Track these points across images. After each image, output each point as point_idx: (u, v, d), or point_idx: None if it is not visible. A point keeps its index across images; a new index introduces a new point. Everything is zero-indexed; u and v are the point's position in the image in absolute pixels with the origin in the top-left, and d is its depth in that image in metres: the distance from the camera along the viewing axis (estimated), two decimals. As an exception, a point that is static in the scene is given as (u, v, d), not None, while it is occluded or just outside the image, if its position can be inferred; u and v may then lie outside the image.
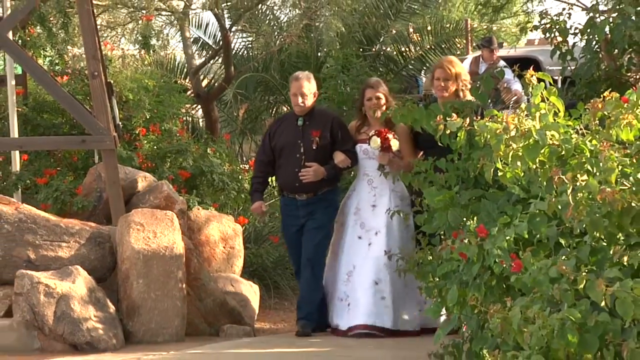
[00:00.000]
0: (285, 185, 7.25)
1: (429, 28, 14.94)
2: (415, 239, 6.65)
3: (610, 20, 6.42)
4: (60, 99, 7.83)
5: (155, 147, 9.18)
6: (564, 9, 6.68)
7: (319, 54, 13.70)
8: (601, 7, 6.91)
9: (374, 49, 14.33)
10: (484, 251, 4.04)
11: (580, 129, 3.93)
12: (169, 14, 11.89)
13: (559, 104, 3.99)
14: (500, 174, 4.04)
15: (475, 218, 4.54)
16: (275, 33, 13.49)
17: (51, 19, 8.99)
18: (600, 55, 6.70)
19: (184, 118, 11.90)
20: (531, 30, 7.16)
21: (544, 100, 3.97)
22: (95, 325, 6.51)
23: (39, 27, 8.92)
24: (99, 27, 9.24)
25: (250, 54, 14.25)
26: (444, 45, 14.77)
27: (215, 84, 13.37)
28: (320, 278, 7.11)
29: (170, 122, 9.55)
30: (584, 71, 6.73)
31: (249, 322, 7.44)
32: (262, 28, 13.17)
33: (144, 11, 10.75)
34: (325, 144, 7.12)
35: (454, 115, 4.28)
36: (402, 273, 6.32)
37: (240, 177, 9.28)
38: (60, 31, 9.06)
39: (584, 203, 3.57)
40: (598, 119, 3.82)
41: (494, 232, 4.03)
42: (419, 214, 5.39)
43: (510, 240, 3.95)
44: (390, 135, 6.85)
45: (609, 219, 3.57)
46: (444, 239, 4.69)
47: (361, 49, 13.68)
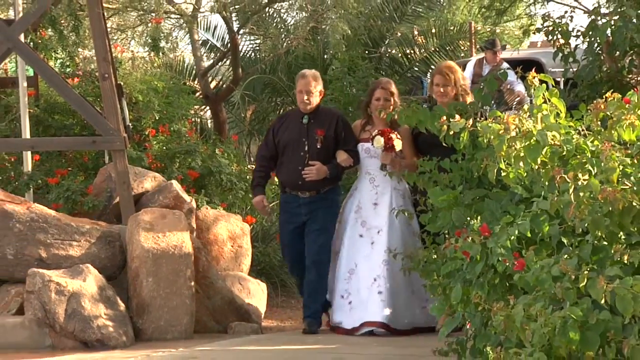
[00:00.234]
0: (287, 182, 7.19)
1: (434, 31, 14.91)
2: (420, 237, 6.73)
3: (612, 22, 6.41)
4: (71, 101, 7.87)
5: (164, 148, 9.21)
6: (566, 12, 6.65)
7: (325, 56, 13.67)
8: (603, 10, 6.94)
9: (379, 51, 14.30)
10: (487, 249, 4.02)
11: (582, 130, 3.91)
12: (178, 17, 11.94)
13: (560, 105, 3.96)
14: (503, 174, 4.02)
15: (478, 217, 4.49)
16: (283, 36, 13.46)
17: (62, 21, 8.97)
18: (602, 57, 6.68)
19: (193, 119, 11.92)
20: (534, 33, 7.12)
21: (546, 102, 3.94)
22: (105, 322, 6.54)
23: (50, 30, 8.89)
24: (109, 30, 9.27)
25: (258, 56, 14.23)
26: (448, 48, 14.72)
27: (224, 86, 13.34)
28: (326, 277, 7.11)
29: (179, 123, 9.57)
30: (586, 73, 6.72)
31: (256, 320, 7.47)
32: (270, 31, 13.16)
33: (153, 14, 10.76)
34: (329, 142, 7.09)
35: (457, 117, 4.31)
36: (407, 271, 6.40)
37: (247, 177, 9.25)
38: (71, 34, 9.02)
39: (586, 202, 3.56)
40: (600, 120, 3.80)
41: (497, 231, 4.00)
42: (424, 213, 5.40)
43: (513, 239, 3.92)
44: (394, 135, 6.86)
45: (610, 218, 3.56)
46: (447, 238, 4.67)
47: (367, 51, 13.66)
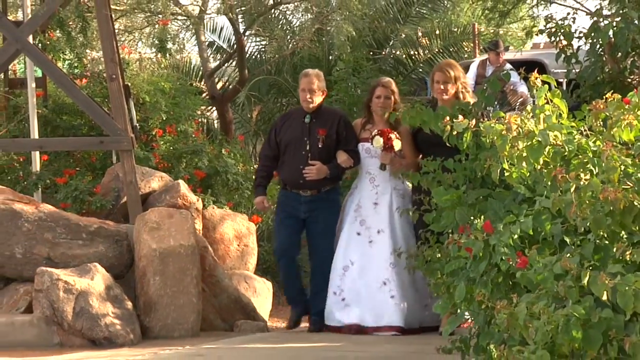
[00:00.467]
0: (288, 180, 7.19)
1: (438, 32, 14.89)
2: (423, 236, 6.77)
3: (614, 24, 6.41)
4: (79, 101, 7.91)
5: (171, 148, 9.27)
6: (568, 14, 6.63)
7: (330, 57, 13.66)
8: (605, 12, 6.93)
9: (383, 53, 14.29)
10: (490, 247, 4.04)
11: (584, 130, 3.92)
12: (185, 18, 12.02)
13: (562, 106, 3.96)
14: (506, 174, 4.01)
15: (482, 217, 4.47)
16: (288, 37, 13.49)
17: (70, 23, 9.00)
18: (604, 59, 6.67)
19: (199, 119, 11.96)
20: (537, 34, 7.14)
21: (548, 102, 3.94)
22: (113, 320, 6.57)
23: (58, 31, 8.91)
24: (116, 31, 9.36)
25: (264, 58, 14.22)
26: (452, 49, 14.69)
27: (230, 87, 13.36)
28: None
29: (186, 124, 9.63)
30: (588, 74, 6.71)
31: (262, 318, 7.50)
32: (275, 32, 13.21)
33: (160, 16, 10.83)
34: (330, 142, 7.10)
35: (461, 117, 4.34)
36: (411, 271, 6.43)
37: (253, 177, 9.31)
38: (79, 35, 9.06)
39: (587, 202, 3.56)
40: (601, 120, 3.80)
41: (500, 229, 4.02)
42: (428, 213, 5.40)
43: (515, 238, 3.93)
44: (393, 135, 6.88)
45: (612, 218, 3.56)
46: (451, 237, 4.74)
47: (371, 53, 13.65)
